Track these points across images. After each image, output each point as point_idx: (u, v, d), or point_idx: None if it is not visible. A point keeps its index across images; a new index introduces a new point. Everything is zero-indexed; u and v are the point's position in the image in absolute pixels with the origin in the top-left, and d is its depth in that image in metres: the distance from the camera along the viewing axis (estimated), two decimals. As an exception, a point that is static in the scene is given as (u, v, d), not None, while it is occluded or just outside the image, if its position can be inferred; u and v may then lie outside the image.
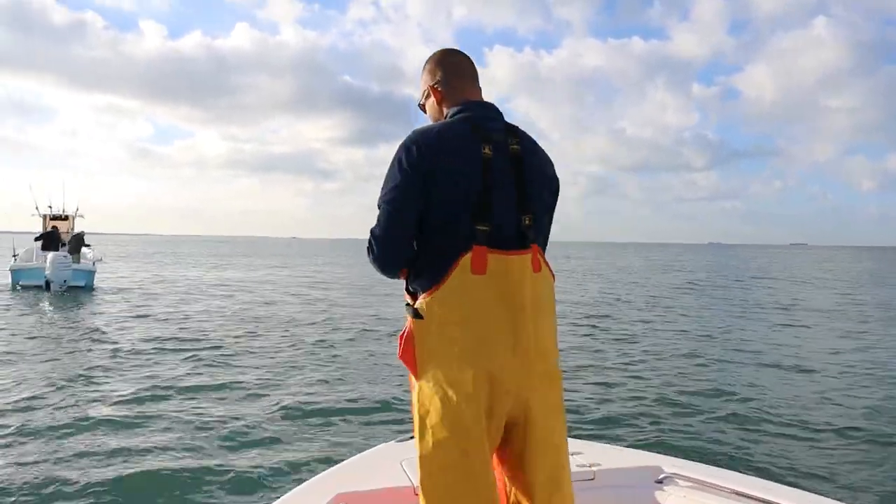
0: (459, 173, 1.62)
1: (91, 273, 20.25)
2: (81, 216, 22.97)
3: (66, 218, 22.11)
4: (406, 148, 1.64)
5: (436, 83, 1.83)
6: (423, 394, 1.62)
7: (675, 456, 2.65)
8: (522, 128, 1.78)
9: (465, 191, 1.61)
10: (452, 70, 1.83)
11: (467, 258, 1.59)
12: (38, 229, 21.73)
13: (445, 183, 1.61)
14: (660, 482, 2.35)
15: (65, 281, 18.44)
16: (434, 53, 1.88)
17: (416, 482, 1.68)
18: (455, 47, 1.94)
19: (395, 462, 2.30)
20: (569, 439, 2.64)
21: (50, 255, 18.65)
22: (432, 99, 1.84)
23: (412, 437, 1.71)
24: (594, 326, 14.58)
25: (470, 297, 1.59)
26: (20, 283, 19.58)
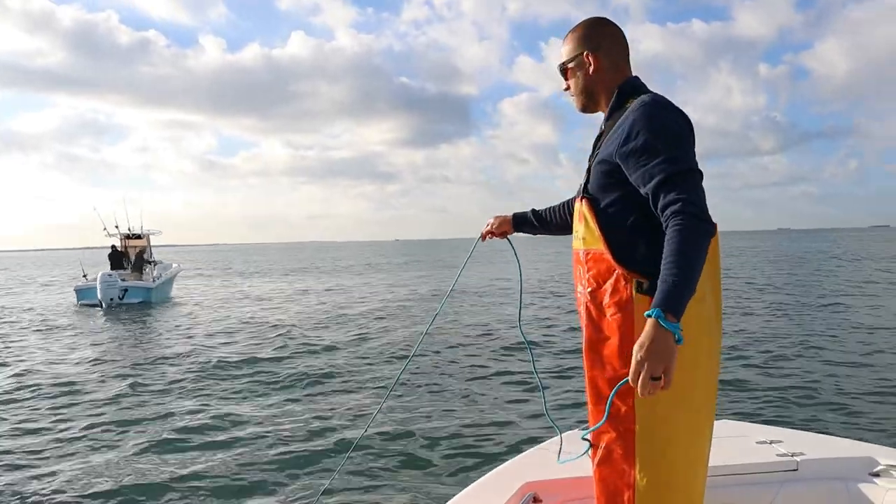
0: None
1: (148, 290, 20.37)
2: (152, 233, 23.22)
3: (140, 237, 22.63)
4: (680, 112, 1.59)
5: (595, 50, 1.73)
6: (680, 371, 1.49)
7: (891, 446, 2.36)
8: (585, 120, 1.86)
9: None
10: (614, 42, 1.75)
11: None
12: (109, 244, 22.35)
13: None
14: (875, 475, 2.14)
15: (111, 299, 18.99)
16: (590, 20, 1.78)
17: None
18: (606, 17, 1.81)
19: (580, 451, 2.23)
20: (768, 427, 2.70)
21: (99, 274, 19.49)
22: (587, 67, 1.74)
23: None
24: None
25: (707, 268, 1.54)
26: (81, 301, 20.25)
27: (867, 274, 24.70)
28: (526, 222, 2.21)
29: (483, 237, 2.33)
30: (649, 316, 1.41)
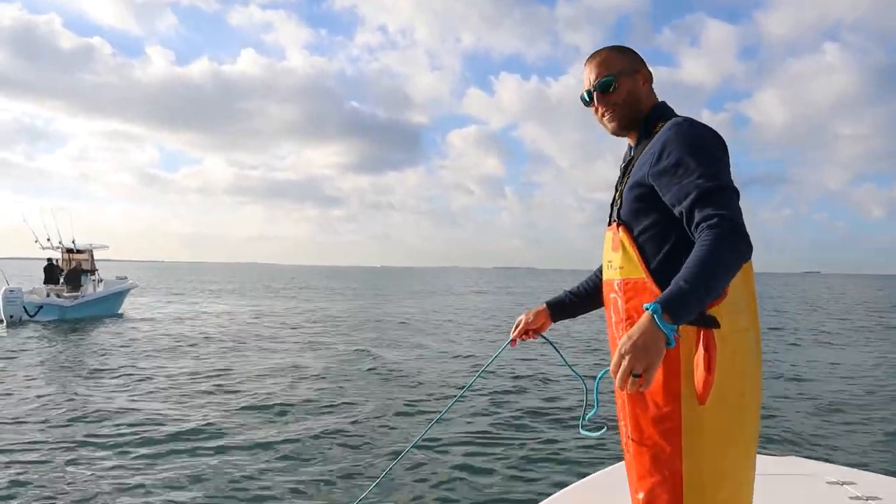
0: None
1: (63, 308, 19.30)
2: (95, 247, 22.19)
3: (82, 251, 21.61)
4: (713, 130, 1.52)
5: (641, 69, 1.71)
6: (719, 412, 1.44)
7: None
8: (532, 155, 1.71)
9: None
10: (648, 69, 1.77)
11: None
12: (46, 257, 21.37)
13: None
14: None
15: (11, 316, 18.14)
16: (621, 46, 1.74)
17: None
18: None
19: (610, 493, 2.12)
20: (839, 467, 2.61)
21: (2, 289, 18.48)
22: (640, 83, 1.69)
23: None
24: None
25: (745, 297, 1.50)
26: None
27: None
28: (564, 306, 1.99)
29: (513, 342, 2.00)
30: (646, 309, 1.30)
